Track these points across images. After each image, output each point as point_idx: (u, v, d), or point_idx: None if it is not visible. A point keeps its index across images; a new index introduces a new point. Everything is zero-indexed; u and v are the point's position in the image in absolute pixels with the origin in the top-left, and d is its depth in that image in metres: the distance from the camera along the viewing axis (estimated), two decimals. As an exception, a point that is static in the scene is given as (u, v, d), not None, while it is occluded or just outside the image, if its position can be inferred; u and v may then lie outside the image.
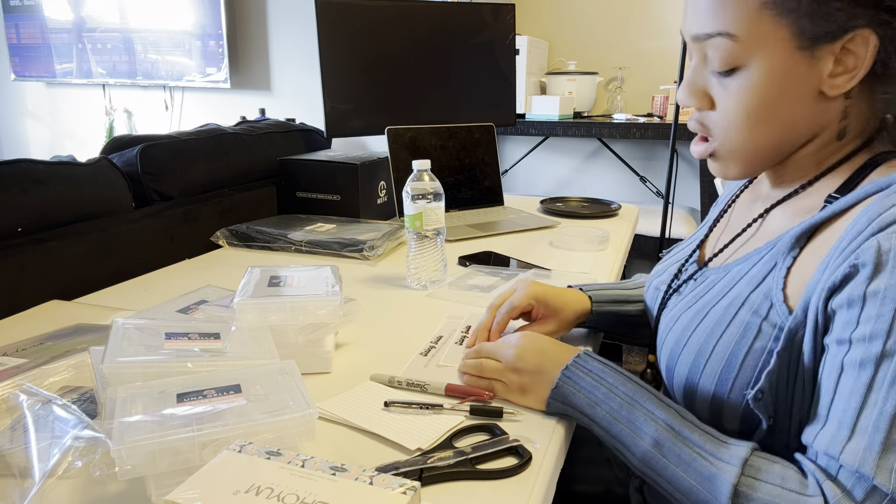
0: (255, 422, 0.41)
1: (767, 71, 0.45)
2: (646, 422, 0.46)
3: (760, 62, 0.45)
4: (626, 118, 2.00)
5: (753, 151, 0.48)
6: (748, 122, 0.47)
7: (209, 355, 0.50)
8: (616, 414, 0.47)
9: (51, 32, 2.73)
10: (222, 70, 2.46)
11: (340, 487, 0.35)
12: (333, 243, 1.01)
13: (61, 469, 0.41)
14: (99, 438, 0.40)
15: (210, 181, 1.16)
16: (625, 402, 0.47)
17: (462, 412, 0.52)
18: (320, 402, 0.53)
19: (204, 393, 0.43)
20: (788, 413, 0.45)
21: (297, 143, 1.43)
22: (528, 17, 2.27)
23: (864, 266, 0.39)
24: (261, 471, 0.36)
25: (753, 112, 0.46)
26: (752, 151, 0.49)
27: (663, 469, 0.44)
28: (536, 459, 0.46)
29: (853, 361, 0.39)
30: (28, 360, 0.58)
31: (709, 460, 0.43)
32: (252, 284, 0.60)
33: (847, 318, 0.40)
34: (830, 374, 0.41)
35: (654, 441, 0.45)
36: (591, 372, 0.50)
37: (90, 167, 0.95)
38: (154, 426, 0.39)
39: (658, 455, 0.44)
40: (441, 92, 1.33)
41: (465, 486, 0.43)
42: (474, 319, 0.73)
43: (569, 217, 1.27)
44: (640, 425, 0.46)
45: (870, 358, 0.38)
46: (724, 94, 0.48)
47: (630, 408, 0.47)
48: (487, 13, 1.33)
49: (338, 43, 1.19)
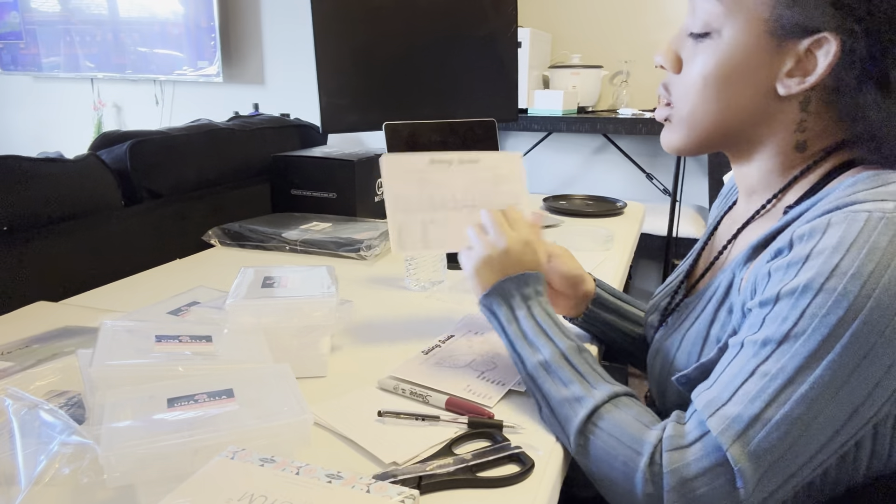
0: (248, 427, 0.40)
1: (735, 42, 0.46)
2: (544, 345, 0.51)
3: (732, 32, 0.46)
4: (632, 113, 1.99)
5: (700, 125, 0.50)
6: (702, 90, 0.49)
7: (201, 358, 0.49)
8: (524, 334, 0.52)
9: (37, 24, 2.68)
10: (214, 63, 2.44)
11: (336, 495, 0.34)
12: (329, 243, 0.99)
13: (48, 476, 0.40)
14: (87, 444, 0.40)
15: (202, 178, 1.14)
16: (535, 327, 0.52)
17: (460, 424, 0.50)
18: (315, 407, 0.52)
19: (195, 397, 0.42)
20: None
21: (291, 139, 1.41)
22: (530, 9, 2.25)
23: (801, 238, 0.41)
24: (254, 478, 0.35)
25: (709, 81, 0.48)
26: (697, 122, 0.50)
27: (542, 383, 0.50)
28: (539, 467, 0.45)
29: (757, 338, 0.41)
30: (13, 363, 0.57)
31: (584, 386, 0.48)
32: (245, 285, 0.59)
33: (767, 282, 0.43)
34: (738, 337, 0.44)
35: (545, 360, 0.50)
36: (523, 295, 0.54)
37: (78, 164, 0.94)
38: (144, 432, 0.38)
39: (543, 372, 0.50)
40: (440, 86, 1.32)
41: (465, 495, 0.43)
42: (487, 322, 0.72)
43: (573, 215, 1.26)
44: (539, 347, 0.51)
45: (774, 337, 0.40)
46: (690, 58, 0.50)
47: (538, 332, 0.52)
48: (489, 4, 1.32)
49: (334, 35, 1.18)
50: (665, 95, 0.53)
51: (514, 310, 0.54)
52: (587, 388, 0.47)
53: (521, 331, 0.53)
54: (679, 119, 0.51)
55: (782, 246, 0.42)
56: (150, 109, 2.69)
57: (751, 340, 0.42)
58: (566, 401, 0.47)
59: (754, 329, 0.42)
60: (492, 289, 0.55)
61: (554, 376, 0.49)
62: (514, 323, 0.53)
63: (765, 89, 0.46)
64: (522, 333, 0.52)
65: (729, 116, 0.48)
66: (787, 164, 0.49)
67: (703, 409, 0.41)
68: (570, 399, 0.47)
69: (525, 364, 0.51)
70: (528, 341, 0.52)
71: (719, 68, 0.47)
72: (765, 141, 0.49)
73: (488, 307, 0.56)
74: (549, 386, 0.49)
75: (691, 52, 0.49)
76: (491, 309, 0.55)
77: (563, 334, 0.52)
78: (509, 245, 0.55)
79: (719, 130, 0.50)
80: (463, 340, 0.67)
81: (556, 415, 0.48)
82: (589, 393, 0.47)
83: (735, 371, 0.42)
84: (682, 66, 0.51)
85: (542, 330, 0.52)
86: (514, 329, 0.53)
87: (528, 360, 0.51)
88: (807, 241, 0.41)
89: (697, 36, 0.48)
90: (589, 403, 0.46)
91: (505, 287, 0.54)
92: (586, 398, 0.46)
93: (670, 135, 0.53)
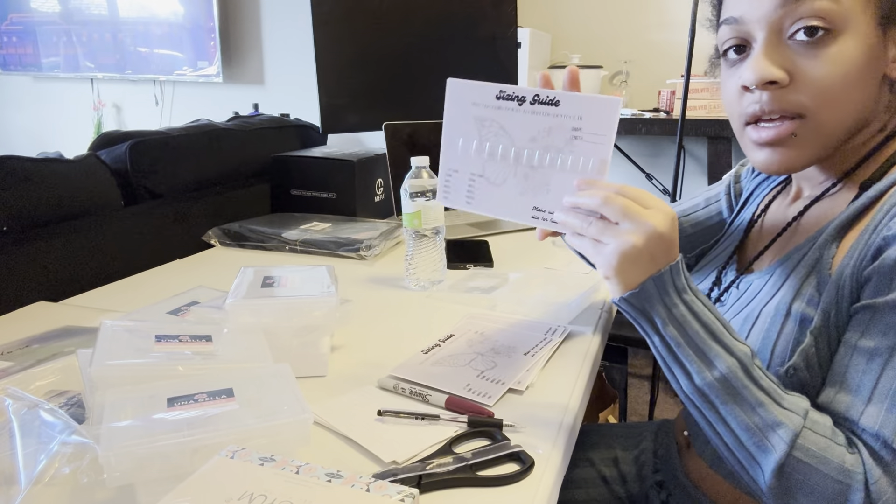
0: (248, 427, 0.40)
1: (858, 40, 0.45)
2: (718, 356, 0.43)
3: (852, 30, 0.44)
4: (632, 113, 1.99)
5: (836, 127, 0.46)
6: (843, 92, 0.45)
7: (201, 358, 0.49)
8: (688, 340, 0.44)
9: (37, 24, 2.68)
10: (214, 63, 2.43)
11: (336, 494, 0.34)
12: (329, 243, 0.99)
13: (48, 476, 0.40)
14: (87, 444, 0.40)
15: (202, 178, 1.14)
16: (701, 328, 0.44)
17: (460, 423, 0.50)
18: (315, 407, 0.52)
19: (195, 397, 0.42)
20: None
21: (291, 139, 1.41)
22: (530, 9, 2.25)
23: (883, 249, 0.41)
24: (254, 477, 0.35)
25: (850, 80, 0.45)
26: (835, 128, 0.46)
27: (725, 404, 0.42)
28: (539, 466, 0.45)
29: (878, 327, 0.41)
30: (14, 363, 0.57)
31: (775, 407, 0.42)
32: (245, 285, 0.59)
33: (876, 286, 0.41)
34: (851, 337, 0.43)
35: (723, 376, 0.43)
36: (675, 287, 0.44)
37: (78, 164, 0.94)
38: (143, 431, 0.38)
39: (723, 392, 0.43)
40: (440, 86, 1.30)
41: (465, 494, 0.43)
42: (487, 322, 0.72)
43: (569, 215, 1.26)
44: (713, 358, 0.43)
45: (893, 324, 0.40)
46: (814, 64, 0.45)
47: (706, 336, 0.43)
48: (488, 4, 1.31)
49: (334, 35, 1.18)
50: (779, 111, 0.47)
51: (672, 308, 0.44)
52: (779, 411, 0.41)
53: (685, 336, 0.44)
54: (814, 128, 0.46)
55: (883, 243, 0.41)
56: (149, 109, 2.69)
57: (885, 346, 0.40)
58: (757, 429, 0.41)
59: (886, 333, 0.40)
60: (642, 287, 0.44)
61: (739, 397, 0.42)
62: (674, 326, 0.44)
63: (878, 79, 0.46)
64: (688, 339, 0.43)
65: (860, 113, 0.47)
66: (864, 145, 0.49)
67: (882, 428, 0.39)
68: (763, 427, 0.41)
69: (694, 379, 0.43)
70: (699, 350, 0.43)
71: (856, 64, 0.44)
72: (863, 126, 0.48)
73: (639, 309, 0.45)
74: (732, 409, 0.42)
75: (809, 59, 0.45)
76: (643, 311, 0.45)
77: (734, 338, 0.44)
78: (660, 229, 0.43)
79: (850, 131, 0.47)
80: (463, 340, 0.66)
81: (743, 445, 0.42)
82: (784, 416, 0.41)
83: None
84: (795, 75, 0.46)
85: (712, 334, 0.43)
86: (675, 333, 0.44)
87: (700, 376, 0.43)
88: None
89: (810, 38, 0.45)
90: (788, 433, 0.40)
91: (660, 282, 0.44)
92: (783, 425, 0.41)
93: (794, 151, 0.47)
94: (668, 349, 0.44)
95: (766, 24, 0.46)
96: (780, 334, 0.47)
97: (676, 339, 0.44)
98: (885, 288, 0.41)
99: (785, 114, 0.47)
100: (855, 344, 0.42)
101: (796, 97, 0.46)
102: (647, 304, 0.44)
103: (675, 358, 0.44)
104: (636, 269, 0.44)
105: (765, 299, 0.50)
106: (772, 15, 0.46)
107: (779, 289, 0.49)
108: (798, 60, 0.46)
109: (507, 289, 0.82)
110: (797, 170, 0.49)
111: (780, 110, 0.47)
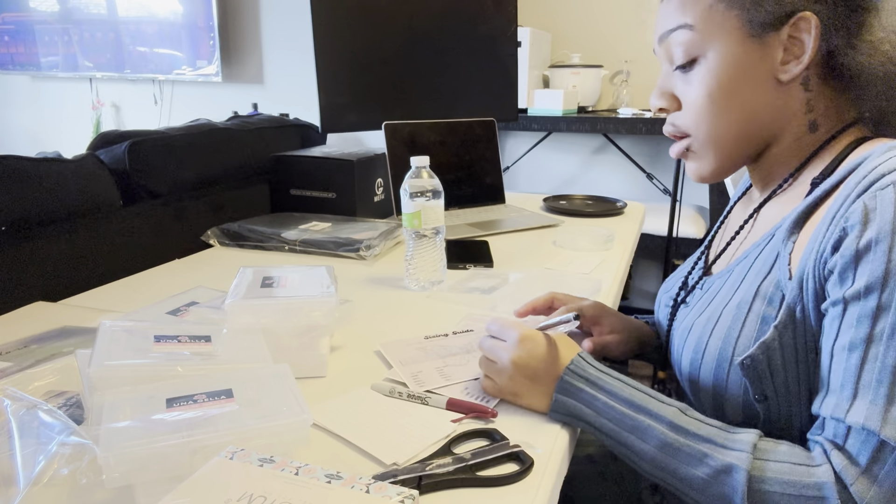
0: (248, 427, 0.40)
1: (723, 58, 0.49)
2: (650, 426, 0.45)
3: (716, 51, 0.49)
4: (633, 113, 1.98)
5: (724, 141, 0.51)
6: (713, 109, 0.50)
7: (200, 359, 0.49)
8: (620, 422, 0.46)
9: (35, 23, 2.67)
10: (213, 63, 2.43)
11: (336, 496, 0.34)
12: (328, 242, 0.99)
13: (46, 477, 0.40)
14: (86, 445, 0.39)
15: (201, 178, 1.14)
16: (627, 408, 0.46)
17: (460, 422, 0.50)
18: (315, 407, 0.52)
19: (194, 397, 0.42)
20: (787, 397, 0.46)
21: (290, 139, 1.41)
22: (530, 8, 2.25)
23: (853, 228, 0.41)
24: (253, 478, 0.35)
25: (716, 98, 0.50)
26: (722, 141, 0.51)
27: (675, 470, 0.44)
28: (539, 465, 0.45)
29: (850, 320, 0.41)
30: (12, 363, 0.57)
31: (720, 452, 0.43)
32: (244, 285, 0.59)
33: (840, 279, 0.42)
34: (829, 338, 0.43)
35: (662, 443, 0.44)
36: (587, 380, 0.48)
37: (76, 164, 0.94)
38: (143, 432, 0.38)
39: (667, 457, 0.44)
40: (440, 86, 1.32)
41: (465, 494, 0.42)
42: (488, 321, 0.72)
43: (573, 215, 1.26)
44: (645, 430, 0.45)
45: (866, 313, 0.40)
46: (687, 89, 0.52)
47: (633, 413, 0.46)
48: (488, 3, 1.31)
49: (333, 34, 1.17)
50: (675, 131, 0.54)
51: (593, 402, 0.47)
52: (724, 454, 0.42)
53: (616, 421, 0.46)
54: (701, 143, 0.52)
55: (854, 222, 0.41)
56: (148, 109, 2.69)
57: (860, 338, 0.40)
58: (711, 479, 0.42)
59: (856, 327, 0.40)
60: (555, 399, 0.48)
61: (682, 455, 0.43)
62: (603, 416, 0.46)
63: (769, 85, 0.49)
64: (620, 422, 0.46)
65: (747, 119, 0.50)
66: (803, 146, 0.51)
67: (862, 420, 0.39)
68: (715, 475, 0.42)
69: (642, 456, 0.45)
70: (632, 428, 0.45)
71: (719, 82, 0.50)
72: (782, 131, 0.51)
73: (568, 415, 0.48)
74: (683, 469, 0.43)
75: (685, 84, 0.52)
76: (572, 415, 0.48)
77: (660, 401, 0.46)
78: (517, 362, 0.49)
79: (743, 136, 0.51)
80: (463, 340, 0.66)
81: (711, 497, 0.43)
82: (731, 457, 0.42)
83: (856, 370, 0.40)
84: (680, 101, 0.53)
85: (637, 408, 0.46)
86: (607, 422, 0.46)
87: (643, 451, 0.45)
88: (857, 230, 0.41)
89: (684, 67, 0.51)
90: (740, 471, 0.41)
91: (567, 387, 0.48)
92: (733, 467, 0.42)
93: (698, 163, 0.54)
94: (610, 437, 0.47)
95: (662, 59, 0.54)
96: (741, 332, 0.48)
97: (609, 426, 0.47)
98: (849, 278, 0.41)
99: (677, 133, 0.54)
100: (832, 345, 0.42)
101: (682, 119, 0.53)
102: (572, 409, 0.48)
103: (618, 442, 0.46)
104: (533, 390, 0.50)
105: (726, 298, 0.51)
106: (659, 52, 0.54)
107: (738, 287, 0.50)
108: (679, 87, 0.53)
109: (507, 289, 0.82)
110: (714, 177, 0.54)
111: (673, 131, 0.55)
